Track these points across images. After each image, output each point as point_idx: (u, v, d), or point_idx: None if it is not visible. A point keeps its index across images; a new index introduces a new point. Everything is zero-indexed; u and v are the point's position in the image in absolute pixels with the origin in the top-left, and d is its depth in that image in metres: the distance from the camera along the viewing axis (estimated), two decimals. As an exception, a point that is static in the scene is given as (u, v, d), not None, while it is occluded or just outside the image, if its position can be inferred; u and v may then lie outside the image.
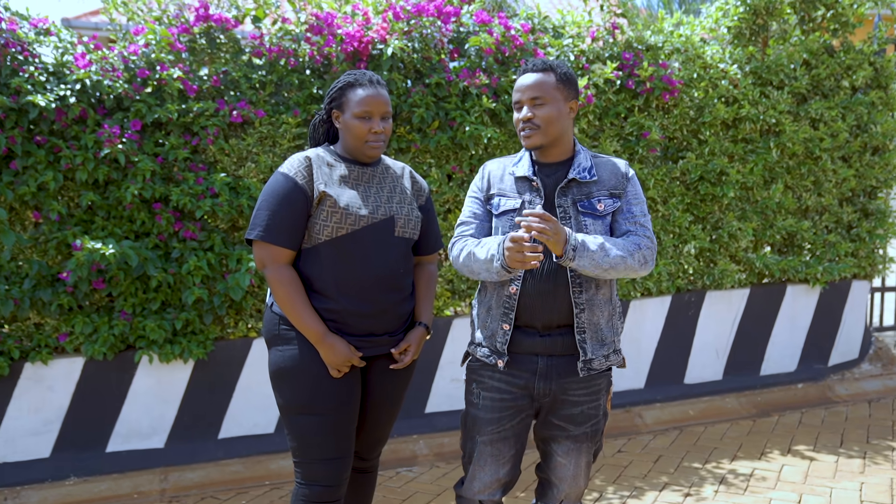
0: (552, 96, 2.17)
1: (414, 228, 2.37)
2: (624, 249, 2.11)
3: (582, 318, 2.16)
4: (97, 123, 3.78)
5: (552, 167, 2.24)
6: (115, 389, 3.88)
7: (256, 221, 2.24)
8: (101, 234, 3.75)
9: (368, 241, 2.26)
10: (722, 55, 4.84)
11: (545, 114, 2.16)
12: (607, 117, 4.52)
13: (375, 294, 2.28)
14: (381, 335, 2.34)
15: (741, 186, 4.88)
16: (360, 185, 2.32)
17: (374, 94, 2.30)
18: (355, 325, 2.29)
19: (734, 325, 5.01)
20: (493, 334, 2.24)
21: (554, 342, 2.19)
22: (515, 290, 2.19)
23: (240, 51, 4.07)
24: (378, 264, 2.27)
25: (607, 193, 2.20)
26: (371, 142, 2.30)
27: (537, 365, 2.20)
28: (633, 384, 4.82)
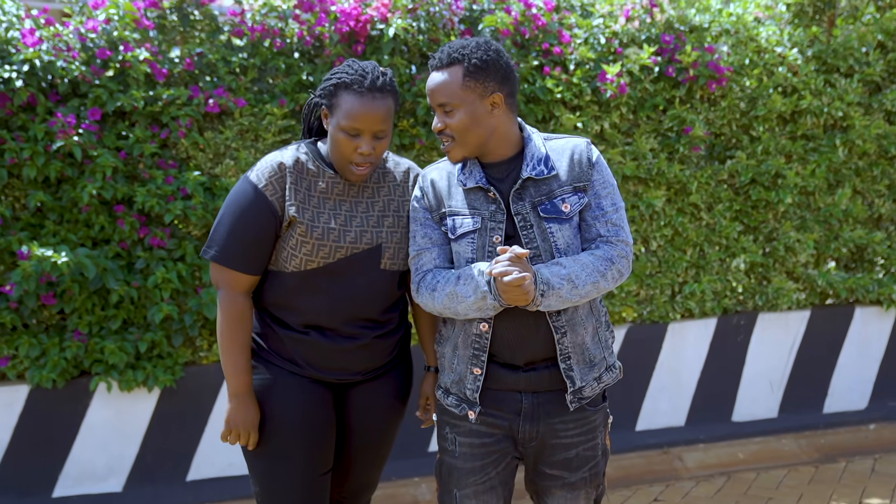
0: (461, 99, 2.08)
1: (405, 258, 2.28)
2: (594, 271, 2.07)
3: (564, 343, 2.11)
4: (48, 112, 3.74)
5: (501, 166, 2.15)
6: (65, 423, 3.80)
7: (215, 238, 2.21)
8: (53, 240, 3.69)
9: (345, 276, 2.21)
10: (779, 37, 4.77)
11: (457, 122, 2.09)
12: (643, 110, 4.48)
13: (350, 331, 2.24)
14: (357, 373, 2.31)
15: (801, 191, 4.81)
16: (344, 201, 2.22)
17: (368, 106, 2.13)
18: (324, 360, 2.26)
19: (791, 354, 4.91)
20: (462, 379, 2.17)
21: (540, 377, 2.13)
22: (487, 328, 2.11)
23: (217, 29, 4.04)
24: (355, 302, 2.22)
25: (571, 189, 2.13)
26: (355, 164, 2.17)
27: (521, 404, 2.14)
28: (671, 421, 4.71)
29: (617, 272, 2.12)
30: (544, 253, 2.08)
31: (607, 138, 4.39)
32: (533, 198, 2.11)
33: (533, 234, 2.09)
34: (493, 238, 2.09)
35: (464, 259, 2.14)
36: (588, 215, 2.14)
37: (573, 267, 2.05)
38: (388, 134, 2.18)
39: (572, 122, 4.21)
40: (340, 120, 2.13)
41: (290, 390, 2.24)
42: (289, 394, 2.24)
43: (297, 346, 2.23)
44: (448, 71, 2.09)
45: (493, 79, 2.10)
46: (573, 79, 4.22)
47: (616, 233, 2.14)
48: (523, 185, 2.11)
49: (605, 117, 4.36)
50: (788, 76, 4.68)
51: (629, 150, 4.39)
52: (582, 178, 2.14)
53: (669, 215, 4.51)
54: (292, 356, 2.24)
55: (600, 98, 4.29)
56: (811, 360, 4.94)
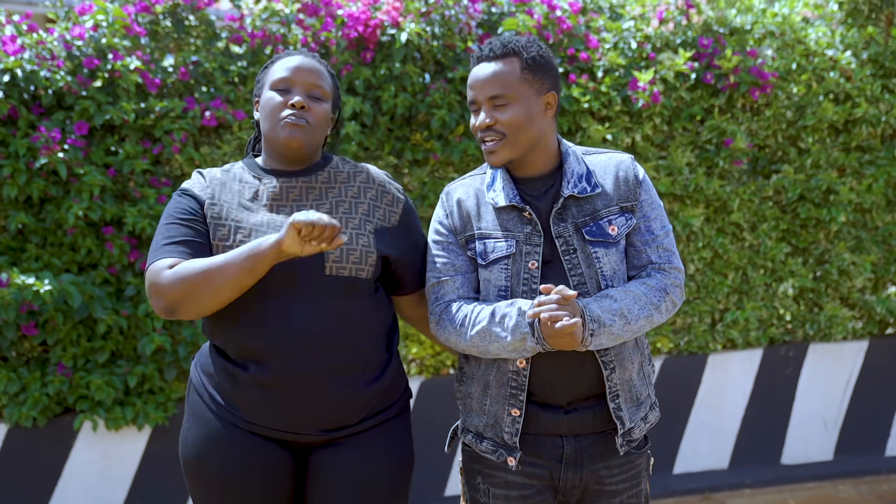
0: (518, 92, 2.07)
1: (359, 262, 2.07)
2: (648, 304, 2.06)
3: (613, 380, 2.09)
4: (31, 126, 3.77)
5: (537, 182, 2.14)
6: (46, 465, 3.80)
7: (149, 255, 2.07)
8: (35, 265, 3.71)
9: (283, 286, 2.02)
10: (830, 39, 4.76)
11: (511, 117, 2.06)
12: (678, 120, 4.48)
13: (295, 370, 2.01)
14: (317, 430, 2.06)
15: (855, 208, 4.79)
16: (283, 206, 2.11)
17: (299, 60, 2.16)
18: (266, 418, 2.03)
19: (848, 389, 4.88)
20: (498, 422, 2.12)
21: (583, 419, 2.10)
22: (525, 364, 2.07)
23: (214, 36, 4.07)
24: (303, 319, 2.01)
25: (618, 209, 2.12)
26: (285, 119, 2.08)
27: (563, 450, 2.10)
28: (713, 463, 4.68)
29: (671, 303, 2.11)
30: (589, 280, 2.07)
31: (639, 151, 4.40)
32: (576, 219, 2.09)
33: (577, 260, 2.07)
34: (530, 264, 2.07)
35: (495, 287, 2.10)
36: (637, 239, 2.13)
37: (625, 300, 2.03)
38: (326, 99, 2.15)
39: (601, 134, 4.22)
40: (270, 80, 2.15)
41: (239, 452, 2.04)
42: (237, 456, 2.04)
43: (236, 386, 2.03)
44: (503, 62, 2.07)
45: (549, 77, 2.12)
46: (601, 87, 4.24)
47: (669, 259, 2.13)
48: (564, 205, 2.10)
49: (637, 129, 4.36)
50: (841, 82, 4.66)
51: (663, 164, 4.39)
52: (629, 198, 2.12)
53: (709, 236, 4.50)
54: (238, 403, 2.04)
55: (631, 108, 4.30)
56: (870, 397, 4.88)
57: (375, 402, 2.12)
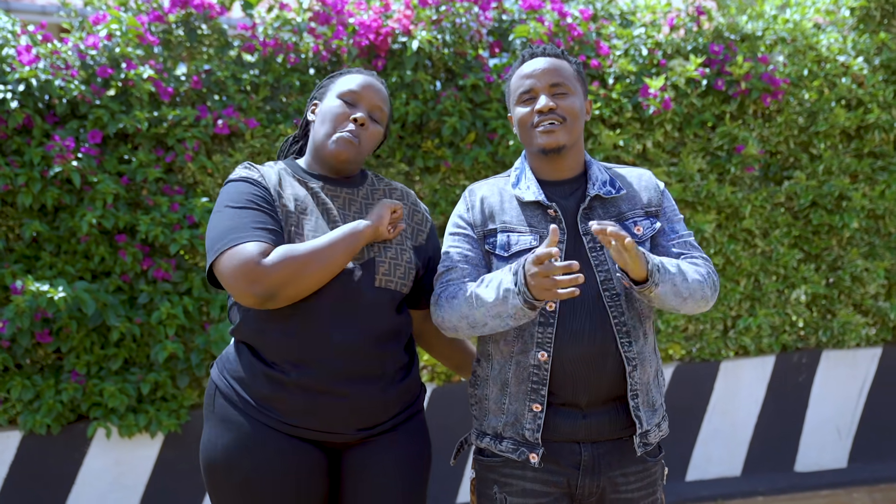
0: (574, 87, 2.19)
1: (403, 277, 2.16)
2: (697, 273, 2.10)
3: (635, 378, 2.09)
4: (45, 134, 3.80)
5: (563, 186, 2.20)
6: (60, 472, 3.81)
7: (211, 239, 2.02)
8: (49, 273, 3.73)
9: (334, 295, 2.05)
10: (842, 45, 4.77)
11: (570, 105, 2.15)
12: (690, 127, 4.48)
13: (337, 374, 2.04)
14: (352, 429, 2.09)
15: (868, 214, 4.78)
16: (329, 210, 2.13)
17: (370, 80, 2.23)
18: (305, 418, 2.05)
19: (861, 396, 4.86)
20: (518, 419, 2.11)
21: (601, 424, 2.10)
22: (546, 357, 2.06)
23: (226, 44, 4.10)
24: (349, 327, 2.05)
25: (642, 212, 2.19)
26: (343, 132, 2.13)
27: (580, 456, 2.10)
28: (725, 470, 4.66)
29: (713, 284, 2.13)
30: (615, 278, 2.09)
31: (650, 158, 4.40)
32: (602, 219, 2.14)
33: (603, 257, 2.10)
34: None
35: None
36: (663, 240, 2.19)
37: (684, 264, 2.08)
38: (382, 122, 2.22)
39: (612, 141, 4.21)
40: (339, 89, 2.19)
41: (273, 453, 2.04)
42: (271, 458, 2.04)
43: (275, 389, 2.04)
44: (559, 60, 2.19)
45: (586, 85, 2.25)
46: (612, 94, 4.24)
47: (698, 252, 2.19)
48: (591, 205, 2.15)
49: (648, 135, 4.36)
50: (853, 88, 4.65)
51: (675, 170, 4.39)
52: (652, 203, 2.20)
53: (720, 242, 4.49)
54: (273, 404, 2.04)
55: (642, 114, 4.30)
56: (884, 404, 4.86)
57: (403, 400, 2.18)
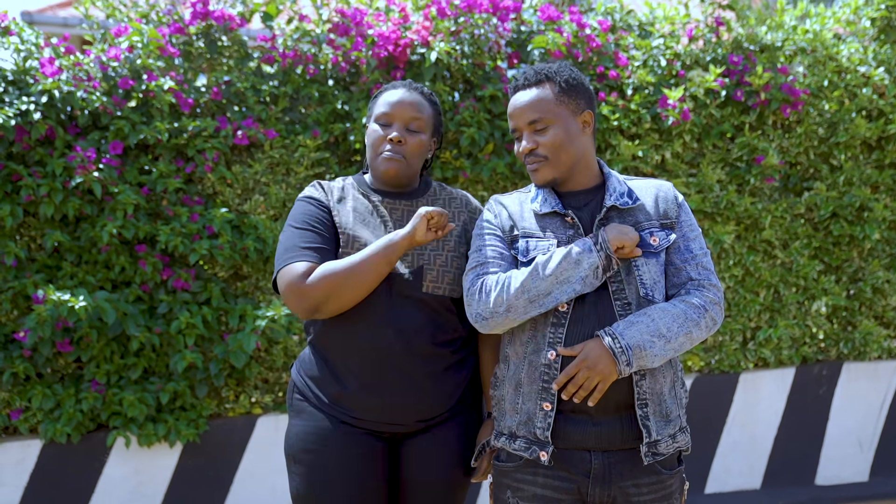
0: (555, 114, 2.18)
1: (452, 283, 2.32)
2: (687, 321, 2.11)
3: (643, 387, 2.10)
4: (67, 145, 3.81)
5: (580, 196, 2.24)
6: (80, 481, 3.82)
7: (278, 256, 2.29)
8: (70, 283, 3.75)
9: (387, 300, 2.26)
10: (863, 55, 4.72)
11: (551, 140, 2.18)
12: (709, 138, 4.45)
13: (396, 372, 2.26)
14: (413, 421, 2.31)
15: (889, 226, 4.75)
16: (388, 223, 2.33)
17: (401, 95, 2.36)
18: (368, 412, 2.28)
19: (883, 408, 4.81)
20: (531, 418, 2.15)
21: (612, 432, 2.11)
22: (556, 356, 2.11)
23: (246, 56, 4.12)
24: (400, 329, 2.26)
25: (658, 224, 2.20)
26: (384, 153, 2.32)
27: (590, 465, 2.11)
28: (745, 483, 4.62)
29: (711, 320, 2.15)
30: (628, 287, 2.11)
31: (669, 169, 4.37)
32: None
33: (616, 267, 2.12)
34: None
35: None
36: (677, 258, 2.19)
37: (663, 318, 2.08)
38: (423, 130, 2.35)
39: (631, 152, 4.19)
40: (374, 114, 2.37)
41: (340, 441, 2.26)
42: (338, 445, 2.26)
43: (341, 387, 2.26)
44: (538, 88, 2.20)
45: (583, 97, 2.22)
46: (631, 104, 4.21)
47: (707, 277, 2.18)
48: (607, 215, 2.18)
49: (667, 146, 4.34)
50: (874, 98, 4.62)
51: (694, 181, 4.36)
52: (669, 215, 2.20)
53: (740, 253, 4.45)
54: (341, 400, 2.27)
55: (661, 125, 4.28)
56: (905, 416, 4.82)
57: (458, 392, 2.35)
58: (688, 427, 2.25)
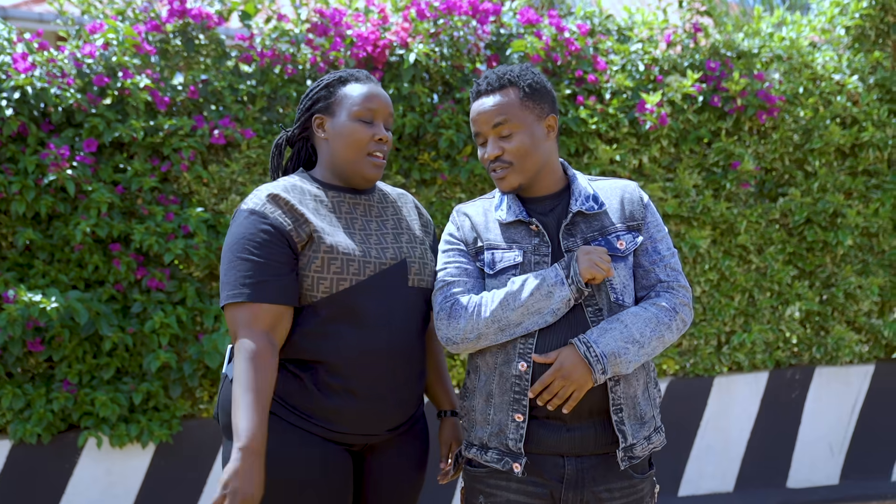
0: (521, 119, 2.13)
1: (431, 275, 2.24)
2: (659, 324, 2.10)
3: (618, 393, 2.09)
4: (40, 142, 3.78)
5: (545, 202, 2.21)
6: (50, 482, 3.79)
7: (224, 282, 2.07)
8: (42, 282, 3.71)
9: (378, 297, 2.12)
10: (837, 63, 4.78)
11: (516, 146, 2.13)
12: (686, 143, 4.48)
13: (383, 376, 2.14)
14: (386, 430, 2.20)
15: (862, 232, 4.78)
16: (355, 219, 2.19)
17: (378, 91, 2.21)
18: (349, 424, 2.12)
19: (854, 412, 4.85)
20: (502, 430, 2.12)
21: (585, 438, 2.09)
22: (527, 368, 2.08)
23: (224, 55, 4.08)
24: (389, 329, 2.13)
25: (624, 227, 2.18)
26: (373, 154, 2.17)
27: (564, 470, 2.10)
28: (718, 486, 4.64)
29: (681, 322, 2.15)
30: (598, 293, 2.10)
31: (646, 173, 4.38)
32: (585, 233, 2.14)
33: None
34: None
35: None
36: (645, 260, 2.17)
37: (636, 324, 2.07)
38: (392, 130, 2.25)
39: (608, 156, 4.20)
40: (352, 108, 2.15)
41: (310, 454, 2.08)
42: (308, 458, 2.08)
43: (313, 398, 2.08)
44: (501, 93, 2.14)
45: (546, 101, 2.17)
46: (609, 109, 4.22)
47: (676, 278, 2.17)
48: (573, 220, 2.15)
49: (644, 150, 4.36)
50: (848, 106, 4.66)
51: (670, 186, 4.37)
52: (635, 217, 2.18)
53: (715, 258, 4.47)
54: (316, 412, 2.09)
55: (639, 130, 4.29)
56: (877, 421, 4.85)
57: (420, 399, 2.28)
58: (662, 426, 2.24)
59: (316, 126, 2.20)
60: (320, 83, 2.22)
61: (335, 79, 2.20)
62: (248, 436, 1.90)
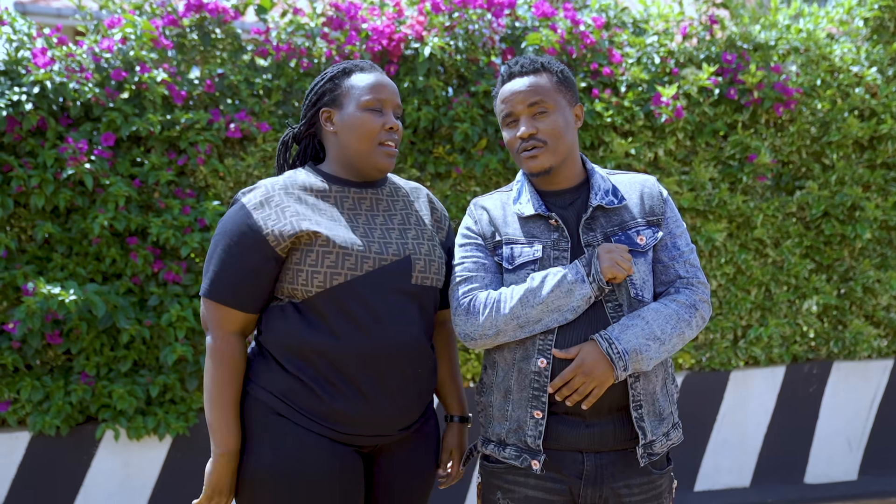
0: (556, 102, 2.15)
1: (438, 272, 2.19)
2: (680, 321, 2.10)
3: (637, 389, 2.08)
4: (59, 136, 3.80)
5: (564, 196, 2.20)
6: (69, 474, 3.81)
7: (205, 269, 2.13)
8: (60, 275, 3.73)
9: (376, 294, 2.08)
10: (856, 55, 4.73)
11: (551, 125, 2.14)
12: (702, 136, 4.45)
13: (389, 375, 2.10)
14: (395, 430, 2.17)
15: (881, 225, 4.75)
16: (359, 214, 2.16)
17: (385, 80, 2.19)
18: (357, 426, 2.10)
19: (873, 407, 4.82)
20: (521, 426, 2.11)
21: (604, 434, 2.09)
22: (546, 364, 2.07)
23: (240, 49, 4.10)
24: (392, 327, 2.09)
25: (644, 222, 2.17)
26: (385, 144, 2.15)
27: (583, 466, 2.09)
28: (734, 481, 4.62)
29: (700, 318, 2.15)
30: (618, 289, 2.09)
31: (662, 166, 4.36)
32: (605, 228, 2.13)
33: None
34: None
35: None
36: (664, 255, 2.17)
37: (657, 320, 2.06)
38: (401, 119, 2.23)
39: (624, 149, 4.18)
40: (360, 98, 2.13)
41: (320, 456, 2.07)
42: (318, 461, 2.06)
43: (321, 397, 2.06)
44: (536, 75, 2.16)
45: (574, 92, 2.21)
46: (624, 102, 4.21)
47: (696, 274, 2.17)
48: (593, 215, 2.14)
49: (660, 144, 4.34)
50: (866, 98, 4.63)
51: (686, 179, 4.35)
52: (655, 212, 2.17)
53: (731, 251, 4.45)
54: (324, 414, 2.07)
55: (654, 123, 4.27)
56: (895, 416, 4.82)
57: (430, 396, 2.25)
58: (679, 422, 2.24)
59: (324, 120, 2.18)
60: (324, 76, 2.20)
61: (339, 71, 2.18)
62: (227, 441, 2.09)
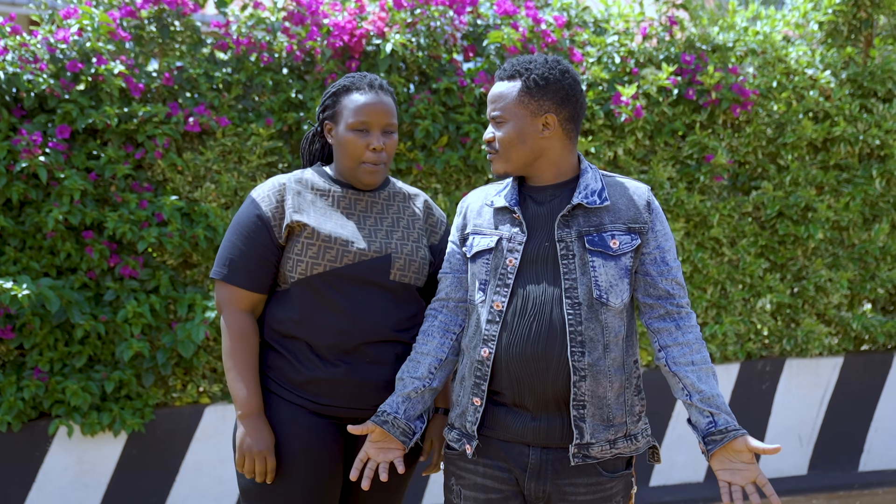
0: (513, 114, 2.18)
1: (417, 272, 2.37)
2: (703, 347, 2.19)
3: (581, 388, 2.08)
4: (12, 128, 3.74)
5: (548, 191, 2.21)
6: (19, 471, 3.76)
7: (218, 256, 2.36)
8: (13, 269, 3.68)
9: (353, 285, 2.28)
10: (811, 58, 4.80)
11: (504, 136, 2.19)
12: (660, 135, 4.49)
13: (363, 357, 2.29)
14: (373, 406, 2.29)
15: (833, 226, 4.82)
16: (353, 214, 2.36)
17: (373, 100, 2.33)
18: (335, 398, 2.28)
19: (823, 404, 4.89)
20: (464, 412, 2.19)
21: (550, 429, 2.11)
22: (488, 354, 2.13)
23: (199, 42, 4.06)
24: (366, 316, 2.29)
25: (624, 227, 2.16)
26: (367, 162, 2.31)
27: (528, 459, 2.12)
28: (689, 476, 4.69)
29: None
30: (581, 287, 2.09)
31: (621, 165, 4.40)
32: (581, 227, 2.14)
33: (573, 265, 2.10)
34: (508, 261, 2.13)
35: (478, 281, 2.19)
36: (653, 269, 2.16)
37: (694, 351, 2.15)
38: (396, 131, 2.37)
39: (583, 148, 4.22)
40: (348, 119, 2.31)
41: (297, 425, 2.27)
42: (296, 429, 2.26)
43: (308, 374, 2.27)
44: (508, 82, 2.19)
45: (550, 99, 2.16)
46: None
47: (683, 296, 2.20)
48: (572, 212, 2.15)
49: (619, 143, 4.37)
50: (820, 100, 4.69)
51: (645, 178, 4.40)
52: (637, 220, 2.16)
53: (688, 250, 4.50)
54: (301, 384, 2.28)
55: (614, 122, 4.31)
56: (845, 412, 4.90)
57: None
58: (637, 435, 2.20)
59: (326, 131, 2.39)
60: (330, 90, 2.38)
61: (341, 87, 2.35)
62: (244, 404, 2.25)
